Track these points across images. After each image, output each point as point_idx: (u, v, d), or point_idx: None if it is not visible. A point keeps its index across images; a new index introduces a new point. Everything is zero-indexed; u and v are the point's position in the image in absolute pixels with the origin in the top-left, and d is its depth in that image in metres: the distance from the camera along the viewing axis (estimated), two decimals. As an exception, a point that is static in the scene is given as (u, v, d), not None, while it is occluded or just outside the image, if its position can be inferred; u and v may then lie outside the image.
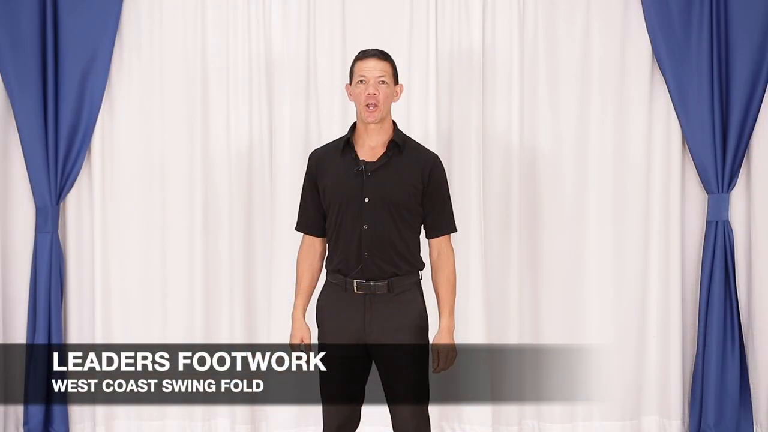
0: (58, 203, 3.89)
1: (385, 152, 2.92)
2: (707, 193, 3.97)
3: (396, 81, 2.98)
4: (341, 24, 3.95)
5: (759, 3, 3.87)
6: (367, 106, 2.88)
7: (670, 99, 3.94)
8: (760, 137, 3.93)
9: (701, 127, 3.91)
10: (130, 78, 3.95)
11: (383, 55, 2.95)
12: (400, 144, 2.93)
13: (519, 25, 3.94)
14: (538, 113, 4.00)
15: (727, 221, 3.94)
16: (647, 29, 3.94)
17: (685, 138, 3.95)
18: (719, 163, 3.92)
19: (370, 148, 2.93)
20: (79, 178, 3.92)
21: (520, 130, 3.97)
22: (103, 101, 3.89)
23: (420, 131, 3.91)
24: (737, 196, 3.99)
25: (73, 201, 3.97)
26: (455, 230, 3.02)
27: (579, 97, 3.99)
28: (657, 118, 3.99)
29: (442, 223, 2.98)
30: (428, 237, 3.00)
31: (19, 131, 3.84)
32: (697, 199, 4.03)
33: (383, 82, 2.90)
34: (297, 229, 3.08)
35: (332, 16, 3.93)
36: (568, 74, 3.99)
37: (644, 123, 3.99)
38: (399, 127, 3.02)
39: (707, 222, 3.97)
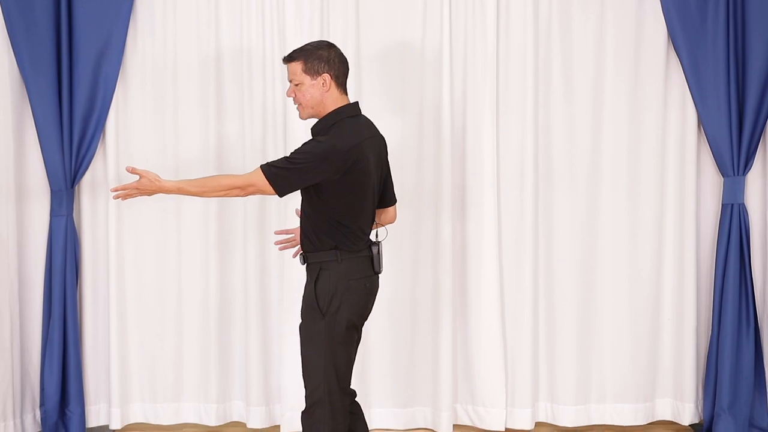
0: (72, 187, 3.91)
1: None
2: (722, 176, 3.96)
3: (314, 73, 2.96)
4: (355, 14, 3.96)
5: (778, -25, 3.83)
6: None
7: (685, 82, 3.94)
8: (776, 119, 3.92)
9: (717, 110, 3.90)
10: (144, 63, 3.97)
11: (288, 57, 3.00)
12: (314, 134, 3.01)
13: (533, 9, 3.94)
14: (552, 99, 4.01)
15: (743, 204, 3.93)
16: (663, 12, 3.93)
17: (701, 121, 3.94)
18: (735, 146, 3.91)
19: None
20: (93, 162, 3.94)
21: (534, 116, 3.97)
22: (117, 86, 3.91)
23: (434, 117, 3.94)
24: (753, 179, 3.99)
25: (87, 185, 4.00)
26: (265, 171, 2.91)
27: (594, 81, 4.00)
28: (672, 101, 4.00)
29: (269, 162, 2.99)
30: None
31: (34, 116, 3.85)
32: (713, 182, 4.04)
33: (295, 84, 2.98)
34: None
35: (346, 7, 3.95)
36: (583, 58, 4.00)
37: (660, 106, 3.99)
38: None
39: (722, 205, 3.97)
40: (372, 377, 4.02)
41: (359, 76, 3.90)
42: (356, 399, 3.18)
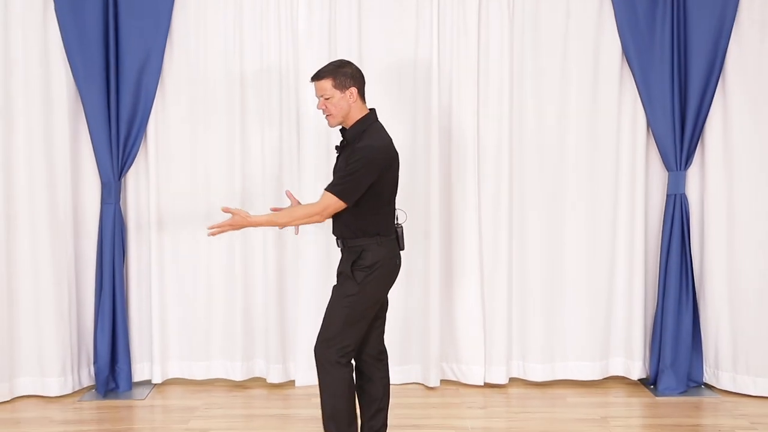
0: (119, 179, 4.39)
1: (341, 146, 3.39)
2: (667, 171, 4.44)
3: (343, 87, 3.25)
4: (357, 37, 4.40)
5: (714, 4, 4.28)
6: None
7: (636, 90, 4.40)
8: (712, 123, 4.40)
9: (663, 115, 4.37)
10: (179, 76, 4.43)
11: (317, 77, 3.28)
12: (349, 140, 3.29)
13: (509, 27, 4.40)
14: (524, 104, 4.46)
15: (684, 194, 4.42)
16: (617, 29, 4.37)
17: (649, 123, 4.41)
18: (678, 145, 4.39)
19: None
20: (137, 158, 4.43)
21: (509, 119, 4.42)
22: (156, 95, 4.38)
23: (424, 119, 4.41)
24: (692, 173, 4.46)
25: (132, 177, 4.48)
26: (332, 191, 3.21)
27: (560, 87, 4.44)
28: (625, 106, 4.45)
29: (331, 183, 3.25)
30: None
31: (87, 120, 4.34)
32: (659, 176, 4.51)
33: (326, 98, 3.28)
34: None
35: (350, 30, 4.38)
36: (550, 69, 4.44)
37: (615, 112, 4.44)
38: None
39: (667, 195, 4.44)
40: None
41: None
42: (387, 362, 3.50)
